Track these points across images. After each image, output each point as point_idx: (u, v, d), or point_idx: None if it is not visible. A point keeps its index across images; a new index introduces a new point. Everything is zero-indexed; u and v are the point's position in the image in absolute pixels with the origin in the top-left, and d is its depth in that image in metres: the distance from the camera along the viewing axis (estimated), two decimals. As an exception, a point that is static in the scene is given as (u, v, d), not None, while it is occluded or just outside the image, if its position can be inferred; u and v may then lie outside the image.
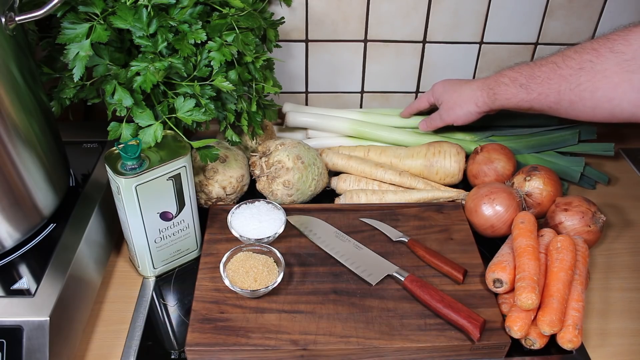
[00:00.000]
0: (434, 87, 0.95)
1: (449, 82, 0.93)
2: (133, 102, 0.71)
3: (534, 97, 0.78)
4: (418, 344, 0.66)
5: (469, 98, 0.87)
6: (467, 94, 0.88)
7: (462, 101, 0.89)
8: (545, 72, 0.76)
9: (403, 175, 0.90)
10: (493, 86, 0.84)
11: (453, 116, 0.91)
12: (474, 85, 0.87)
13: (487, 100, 0.85)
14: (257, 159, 0.88)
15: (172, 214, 0.73)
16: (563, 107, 0.75)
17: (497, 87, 0.83)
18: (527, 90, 0.79)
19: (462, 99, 0.89)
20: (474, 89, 0.87)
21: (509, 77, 0.82)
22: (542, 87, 0.77)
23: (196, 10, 0.73)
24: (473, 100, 0.87)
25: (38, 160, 0.68)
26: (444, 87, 0.93)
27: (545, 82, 0.76)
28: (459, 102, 0.89)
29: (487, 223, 0.82)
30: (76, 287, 0.68)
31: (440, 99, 0.93)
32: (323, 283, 0.74)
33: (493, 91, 0.84)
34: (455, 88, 0.91)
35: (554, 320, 0.66)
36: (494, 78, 0.85)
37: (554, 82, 0.75)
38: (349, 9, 0.95)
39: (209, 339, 0.66)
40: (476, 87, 0.87)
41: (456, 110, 0.90)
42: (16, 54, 0.63)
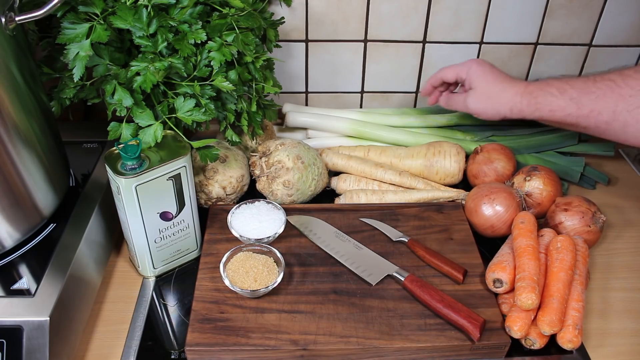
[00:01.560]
0: (472, 63, 0.85)
1: (491, 70, 0.84)
2: (133, 102, 0.71)
3: (584, 113, 0.73)
4: (418, 344, 0.66)
5: (507, 100, 0.80)
6: (507, 95, 0.80)
7: (498, 100, 0.81)
8: (602, 89, 0.71)
9: (403, 175, 0.90)
10: (537, 95, 0.77)
11: (480, 109, 0.83)
12: (515, 87, 0.80)
13: (526, 109, 0.79)
14: (257, 159, 0.88)
15: (172, 214, 0.73)
16: (613, 129, 0.71)
17: (542, 97, 0.77)
18: (578, 105, 0.73)
19: (498, 97, 0.81)
20: (515, 93, 0.80)
21: (557, 88, 0.76)
22: (595, 104, 0.72)
23: (196, 10, 0.73)
24: (509, 105, 0.80)
25: (38, 160, 0.68)
26: (484, 72, 0.84)
27: (600, 99, 0.71)
28: (493, 99, 0.82)
29: (487, 223, 0.82)
30: (76, 287, 0.68)
31: (474, 82, 0.84)
32: (323, 283, 0.74)
33: (536, 100, 0.77)
34: (495, 80, 0.82)
35: (554, 320, 0.66)
36: (537, 85, 0.78)
37: (610, 100, 0.70)
38: (349, 9, 0.95)
39: (209, 339, 0.66)
40: (517, 91, 0.80)
41: (486, 105, 0.82)
42: (16, 54, 0.63)
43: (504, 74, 0.84)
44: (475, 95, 0.83)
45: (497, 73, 0.84)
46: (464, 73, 0.86)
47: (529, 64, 1.03)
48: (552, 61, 1.03)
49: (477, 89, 0.83)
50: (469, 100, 0.84)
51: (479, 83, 0.83)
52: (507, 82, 0.82)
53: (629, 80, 0.69)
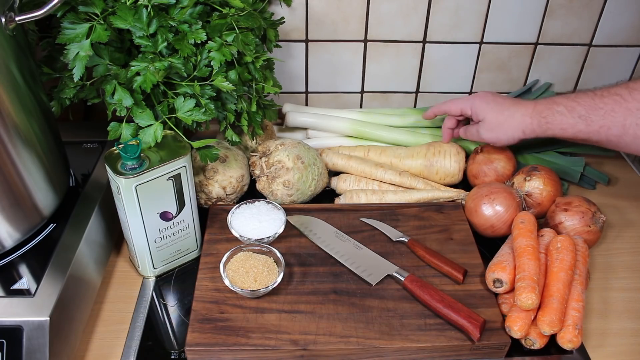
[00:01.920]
0: (474, 99, 0.87)
1: (494, 99, 0.85)
2: (133, 102, 0.71)
3: (594, 129, 0.74)
4: (418, 344, 0.66)
5: (518, 124, 0.81)
6: (516, 118, 0.81)
7: (509, 125, 0.82)
8: (609, 104, 0.72)
9: (403, 175, 0.90)
10: (546, 114, 0.78)
11: (494, 138, 0.84)
12: (522, 110, 0.81)
13: (537, 129, 0.79)
14: (257, 159, 0.88)
15: (172, 214, 0.73)
16: (624, 142, 0.72)
17: (550, 117, 0.78)
18: (587, 121, 0.74)
19: (508, 123, 0.82)
20: (524, 115, 0.80)
21: (565, 106, 0.76)
22: (604, 120, 0.72)
23: (196, 10, 0.73)
24: (521, 127, 0.81)
25: (38, 160, 0.68)
26: (488, 104, 0.85)
27: (608, 114, 0.72)
28: (504, 126, 0.83)
29: (487, 223, 0.82)
30: (76, 287, 0.68)
31: (481, 115, 0.85)
32: (323, 283, 0.74)
33: (546, 120, 0.78)
34: (501, 108, 0.83)
35: (554, 320, 0.66)
36: (545, 104, 0.79)
37: (618, 115, 0.71)
38: (349, 9, 0.95)
39: (209, 339, 0.66)
40: (525, 112, 0.80)
41: (499, 133, 0.83)
42: (16, 54, 0.63)
43: (508, 99, 0.85)
44: (486, 126, 0.85)
45: (500, 101, 0.85)
46: (468, 109, 0.87)
47: (529, 64, 1.03)
48: (552, 61, 1.03)
49: (488, 120, 0.84)
50: (482, 131, 0.85)
51: (489, 114, 0.84)
52: (514, 106, 0.83)
53: (635, 93, 0.70)
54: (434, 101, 1.07)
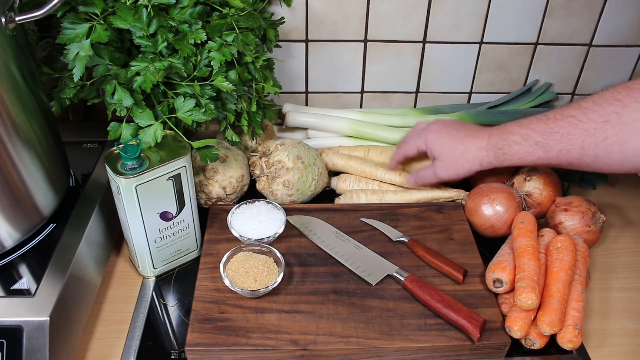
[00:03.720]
0: (427, 135, 0.84)
1: (447, 133, 0.83)
2: (133, 102, 0.71)
3: (553, 154, 0.72)
4: (418, 344, 0.66)
5: (473, 158, 0.79)
6: (471, 153, 0.79)
7: (465, 160, 0.80)
8: (564, 127, 0.70)
9: (403, 176, 0.90)
10: (502, 146, 0.76)
11: (452, 174, 0.82)
12: (477, 143, 0.78)
13: (495, 160, 0.77)
14: (257, 159, 0.88)
15: (172, 214, 0.73)
16: (585, 162, 0.70)
17: (507, 147, 0.75)
18: (545, 148, 0.72)
19: (464, 158, 0.80)
20: (479, 149, 0.78)
21: (520, 134, 0.74)
22: (562, 144, 0.70)
23: (196, 10, 0.73)
24: (477, 161, 0.78)
25: (38, 160, 0.68)
26: (442, 140, 0.82)
27: (565, 138, 0.70)
28: (460, 161, 0.80)
29: (487, 223, 0.82)
30: (76, 287, 0.68)
31: (435, 152, 0.83)
32: (323, 283, 0.74)
33: (502, 151, 0.76)
34: (455, 143, 0.81)
35: (554, 320, 0.66)
36: (499, 135, 0.76)
37: (575, 137, 0.69)
38: (349, 9, 0.95)
39: (209, 339, 0.66)
40: (480, 145, 0.78)
41: (457, 169, 0.81)
42: (16, 54, 0.63)
43: (461, 131, 0.82)
44: (444, 163, 0.82)
45: (454, 133, 0.82)
46: (423, 144, 0.85)
47: (529, 64, 1.03)
48: (552, 61, 1.03)
49: (443, 157, 0.82)
50: (438, 170, 0.83)
51: (443, 150, 0.82)
52: (468, 139, 0.80)
53: (589, 113, 0.68)
54: (434, 101, 1.07)
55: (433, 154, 0.83)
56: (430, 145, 0.83)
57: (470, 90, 1.07)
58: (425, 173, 0.85)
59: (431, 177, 0.84)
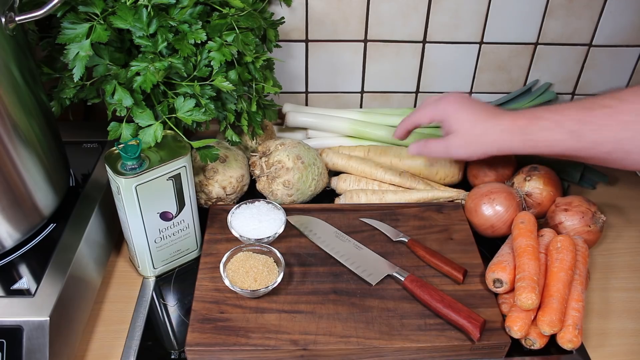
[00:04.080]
0: (445, 106, 0.76)
1: (468, 109, 0.74)
2: (133, 102, 0.71)
3: (585, 145, 0.66)
4: (418, 344, 0.66)
5: (493, 140, 0.72)
6: (491, 134, 0.72)
7: (484, 141, 0.73)
8: (600, 118, 0.65)
9: (403, 176, 0.90)
10: (530, 131, 0.70)
11: (465, 153, 0.75)
12: (502, 125, 0.72)
13: (518, 146, 0.71)
14: (257, 159, 0.88)
15: (172, 214, 0.73)
16: (613, 158, 0.66)
17: (535, 133, 0.69)
18: (578, 137, 0.66)
19: (483, 139, 0.73)
20: (502, 131, 0.71)
21: (552, 120, 0.68)
22: (597, 135, 0.65)
23: (196, 10, 0.73)
24: (497, 144, 0.72)
25: (38, 160, 0.68)
26: (462, 114, 0.74)
27: (602, 129, 0.65)
28: (478, 141, 0.73)
29: (487, 223, 0.82)
30: (76, 287, 0.68)
31: (453, 126, 0.75)
32: (323, 283, 0.74)
33: (529, 137, 0.70)
34: (476, 121, 0.73)
35: (554, 320, 0.66)
36: (527, 118, 0.70)
37: (611, 129, 0.64)
38: (349, 9, 0.95)
39: (209, 339, 0.66)
40: (504, 128, 0.71)
41: (473, 149, 0.74)
42: (16, 54, 0.63)
43: (484, 109, 0.75)
44: (457, 140, 0.75)
45: (477, 110, 0.75)
46: (440, 115, 0.77)
47: (529, 64, 1.03)
48: (552, 61, 1.03)
49: (458, 133, 0.75)
50: (451, 146, 0.76)
51: (459, 126, 0.75)
52: (491, 119, 0.73)
53: (627, 105, 0.64)
54: (434, 101, 1.07)
55: (451, 127, 0.76)
56: (447, 117, 0.76)
57: (470, 90, 1.07)
58: (434, 146, 0.78)
59: (441, 151, 0.77)
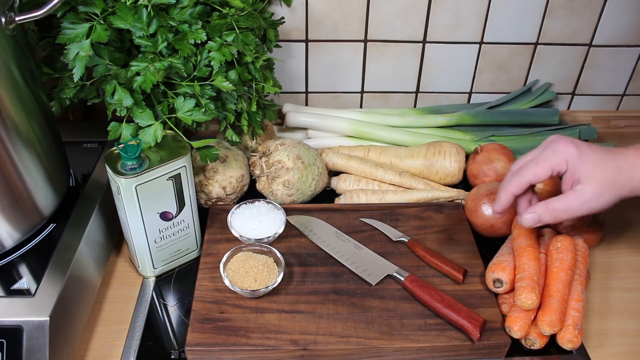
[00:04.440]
0: (567, 150, 0.63)
1: (590, 147, 0.64)
2: (133, 102, 0.71)
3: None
4: (418, 344, 0.66)
5: (630, 179, 0.61)
6: (624, 173, 0.61)
7: (619, 183, 0.61)
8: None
9: (403, 176, 0.90)
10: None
11: (603, 204, 0.63)
12: (629, 160, 0.62)
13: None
14: (257, 159, 0.88)
15: (172, 214, 0.73)
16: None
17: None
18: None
19: (619, 180, 0.61)
20: (632, 167, 0.61)
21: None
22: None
23: (196, 10, 0.73)
24: (632, 184, 0.61)
25: (38, 160, 0.68)
26: (588, 156, 0.63)
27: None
28: (614, 185, 0.61)
29: (487, 223, 0.82)
30: (76, 287, 0.68)
31: (583, 173, 0.63)
32: (323, 283, 0.74)
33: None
34: (605, 160, 0.62)
35: (554, 320, 0.66)
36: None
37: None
38: (349, 9, 0.95)
39: (209, 339, 0.66)
40: (634, 163, 0.61)
41: (610, 195, 0.62)
42: (16, 54, 0.63)
43: (601, 147, 0.64)
44: (592, 188, 0.62)
45: (597, 149, 0.64)
46: (564, 164, 0.64)
47: (529, 64, 1.03)
48: (552, 61, 1.03)
49: (588, 181, 0.62)
50: (588, 199, 0.62)
51: (590, 171, 0.62)
52: (617, 155, 0.63)
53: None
54: (434, 101, 1.07)
55: (579, 175, 0.63)
56: (575, 163, 0.63)
57: (470, 90, 1.07)
58: (563, 204, 0.64)
59: (575, 209, 0.64)
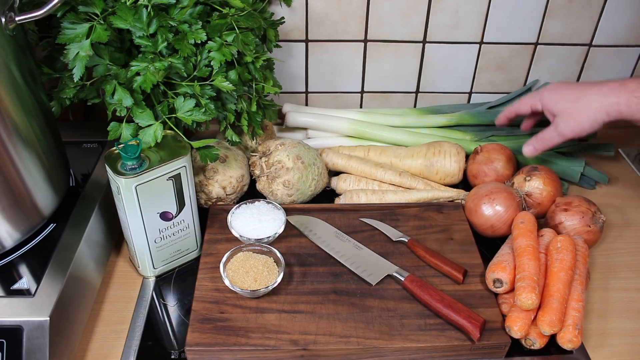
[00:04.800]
0: (543, 93, 0.79)
1: (565, 87, 0.77)
2: (133, 102, 0.71)
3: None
4: (418, 344, 0.66)
5: (599, 106, 0.72)
6: (596, 101, 0.73)
7: (589, 110, 0.73)
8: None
9: (403, 176, 0.90)
10: (637, 89, 0.69)
11: (577, 128, 0.75)
12: (605, 89, 0.73)
13: (626, 109, 0.70)
14: (257, 159, 0.88)
15: (172, 214, 0.73)
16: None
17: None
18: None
19: (588, 107, 0.73)
20: (607, 95, 0.72)
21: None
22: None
23: (196, 10, 0.73)
24: (604, 108, 0.72)
25: (38, 160, 0.68)
26: (560, 93, 0.76)
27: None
28: (584, 112, 0.74)
29: (487, 223, 0.82)
30: (76, 287, 0.68)
31: (555, 108, 0.77)
32: (323, 283, 0.74)
33: (636, 95, 0.69)
34: (576, 94, 0.75)
35: (554, 320, 0.66)
36: (637, 82, 0.70)
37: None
38: (349, 9, 0.95)
39: (209, 339, 0.66)
40: (610, 91, 0.72)
41: (580, 121, 0.74)
42: (16, 54, 0.63)
43: (583, 83, 0.77)
44: (563, 118, 0.76)
45: (574, 86, 0.77)
46: (539, 102, 0.80)
47: (529, 64, 1.03)
48: (552, 61, 1.03)
49: (561, 113, 0.76)
50: (561, 127, 0.77)
51: (560, 106, 0.76)
52: (591, 89, 0.74)
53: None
54: (434, 101, 1.07)
55: (552, 110, 0.78)
56: (547, 102, 0.78)
57: (470, 90, 1.07)
58: (546, 134, 0.79)
59: (554, 137, 0.78)
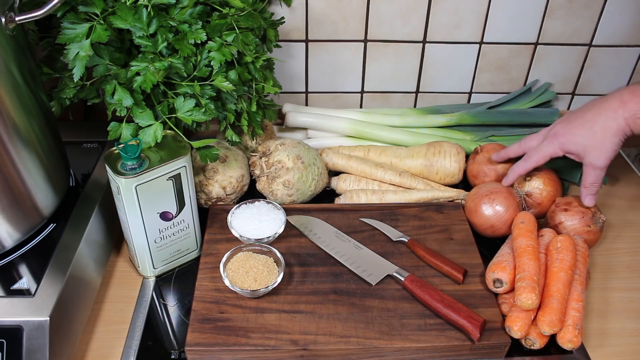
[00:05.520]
0: (557, 139, 0.78)
1: (576, 125, 0.76)
2: (133, 102, 0.71)
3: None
4: (418, 344, 0.66)
5: (615, 132, 0.73)
6: (611, 128, 0.73)
7: (609, 139, 0.74)
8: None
9: (403, 176, 0.90)
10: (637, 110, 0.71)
11: (608, 157, 0.75)
12: (610, 115, 0.73)
13: (628, 130, 0.73)
14: (257, 159, 0.88)
15: (172, 214, 0.73)
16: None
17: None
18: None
19: (608, 138, 0.74)
20: (614, 119, 0.73)
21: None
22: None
23: (196, 10, 0.73)
24: (621, 132, 0.73)
25: (38, 160, 0.68)
26: (575, 135, 0.76)
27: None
28: (606, 142, 0.74)
29: (487, 223, 0.82)
30: (76, 287, 0.68)
31: (580, 150, 0.76)
32: (323, 283, 0.74)
33: None
34: (591, 129, 0.74)
35: (554, 320, 0.66)
36: (634, 101, 0.72)
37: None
38: (349, 9, 0.95)
39: (209, 339, 0.66)
40: (615, 116, 0.73)
41: (607, 150, 0.74)
42: (16, 54, 0.63)
43: (587, 111, 0.76)
44: (593, 155, 0.75)
45: (582, 120, 0.76)
46: (559, 151, 0.79)
47: (529, 64, 1.03)
48: (552, 61, 1.03)
49: (587, 151, 0.76)
50: (597, 163, 0.76)
51: (583, 145, 0.76)
52: (599, 116, 0.74)
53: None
54: (434, 101, 1.07)
55: (579, 153, 0.77)
56: (567, 147, 0.77)
57: (470, 90, 1.07)
58: (590, 178, 0.78)
59: (599, 175, 0.77)
